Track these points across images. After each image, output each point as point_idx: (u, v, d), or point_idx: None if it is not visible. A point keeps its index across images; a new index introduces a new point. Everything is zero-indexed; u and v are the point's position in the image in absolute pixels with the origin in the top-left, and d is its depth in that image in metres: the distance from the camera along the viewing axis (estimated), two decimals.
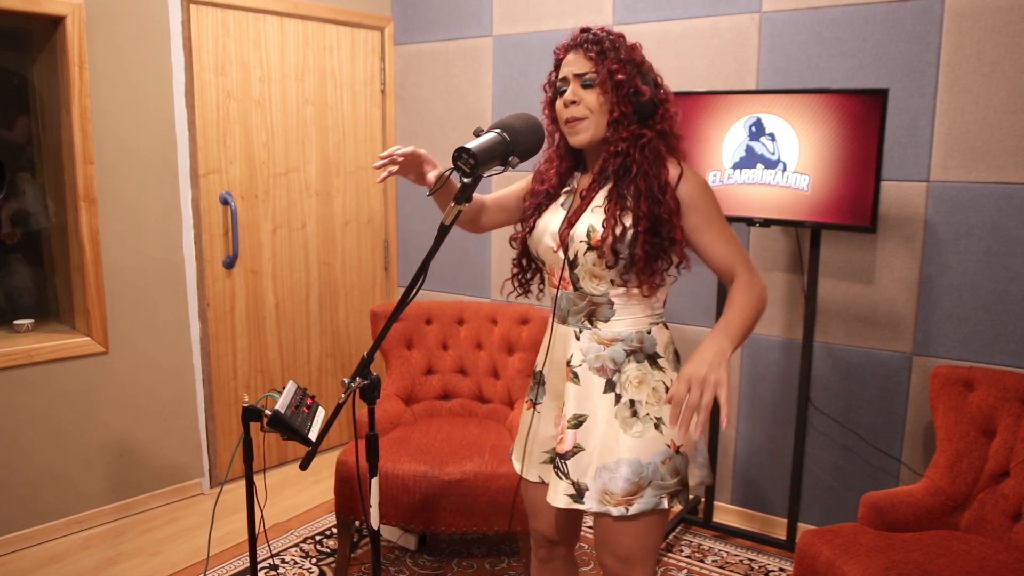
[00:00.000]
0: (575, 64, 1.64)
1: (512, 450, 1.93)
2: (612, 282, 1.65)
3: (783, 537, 2.95)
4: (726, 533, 3.05)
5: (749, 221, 2.73)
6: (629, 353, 1.67)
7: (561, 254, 1.68)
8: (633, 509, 1.62)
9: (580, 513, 1.83)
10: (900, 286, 2.73)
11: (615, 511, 1.62)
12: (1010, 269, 2.54)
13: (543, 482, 1.79)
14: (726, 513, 3.16)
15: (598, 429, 1.66)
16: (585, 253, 1.63)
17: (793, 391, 2.95)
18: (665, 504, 1.64)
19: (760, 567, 2.81)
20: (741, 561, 2.85)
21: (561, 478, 1.68)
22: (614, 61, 1.60)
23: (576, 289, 1.68)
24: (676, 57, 3.07)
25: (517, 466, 1.87)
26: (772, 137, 2.65)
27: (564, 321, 1.72)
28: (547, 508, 1.81)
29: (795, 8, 2.81)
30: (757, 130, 2.67)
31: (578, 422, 1.68)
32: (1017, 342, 2.55)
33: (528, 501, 1.88)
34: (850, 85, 2.72)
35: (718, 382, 1.38)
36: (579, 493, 1.65)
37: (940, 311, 2.67)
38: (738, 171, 2.72)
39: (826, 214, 2.59)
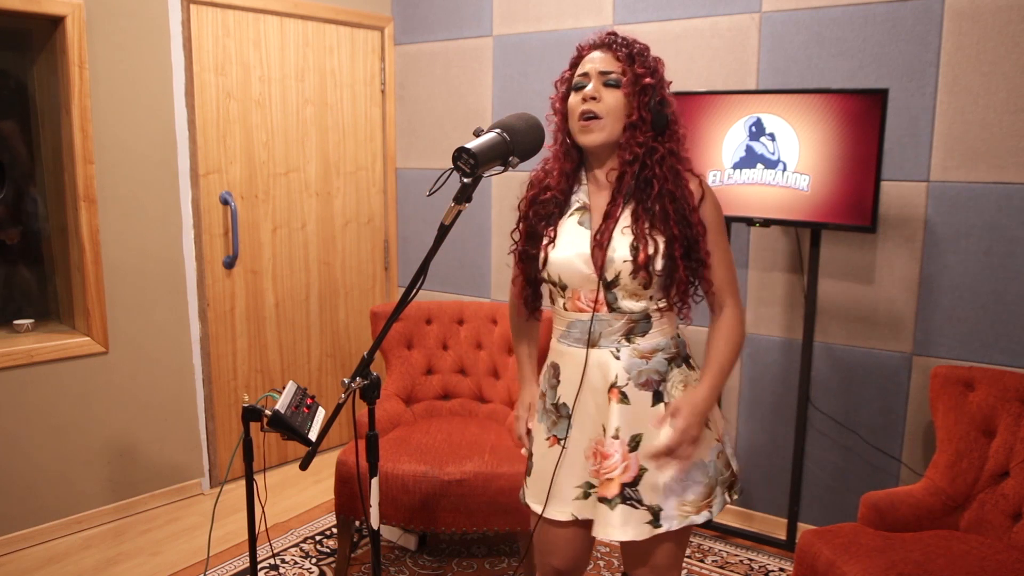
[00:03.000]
0: (601, 62, 1.62)
1: (524, 492, 1.81)
2: (652, 297, 1.63)
3: (783, 537, 2.95)
4: (726, 533, 3.05)
5: (749, 221, 2.73)
6: (670, 360, 1.66)
7: (595, 276, 1.62)
8: (715, 510, 1.63)
9: (593, 541, 1.77)
10: (900, 286, 2.73)
11: (699, 519, 1.61)
12: (1010, 269, 2.54)
13: (575, 519, 1.71)
14: (726, 513, 3.16)
15: (654, 443, 1.62)
16: (630, 273, 1.59)
17: (793, 391, 2.95)
18: (728, 498, 1.66)
19: (760, 567, 2.81)
20: (741, 561, 2.85)
21: (636, 507, 1.62)
22: (642, 66, 1.60)
23: (612, 310, 1.64)
24: (676, 57, 3.07)
25: (536, 507, 1.75)
26: (772, 137, 2.65)
27: (595, 345, 1.66)
28: (566, 545, 1.76)
29: (795, 8, 2.81)
30: (757, 130, 2.67)
31: (636, 443, 1.63)
32: (1017, 342, 2.55)
33: (545, 540, 1.79)
34: (850, 85, 2.72)
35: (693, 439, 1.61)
36: (655, 517, 1.61)
37: (940, 311, 2.67)
38: (738, 171, 2.72)
39: (826, 214, 2.59)
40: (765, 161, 2.67)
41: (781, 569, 2.79)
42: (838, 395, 2.89)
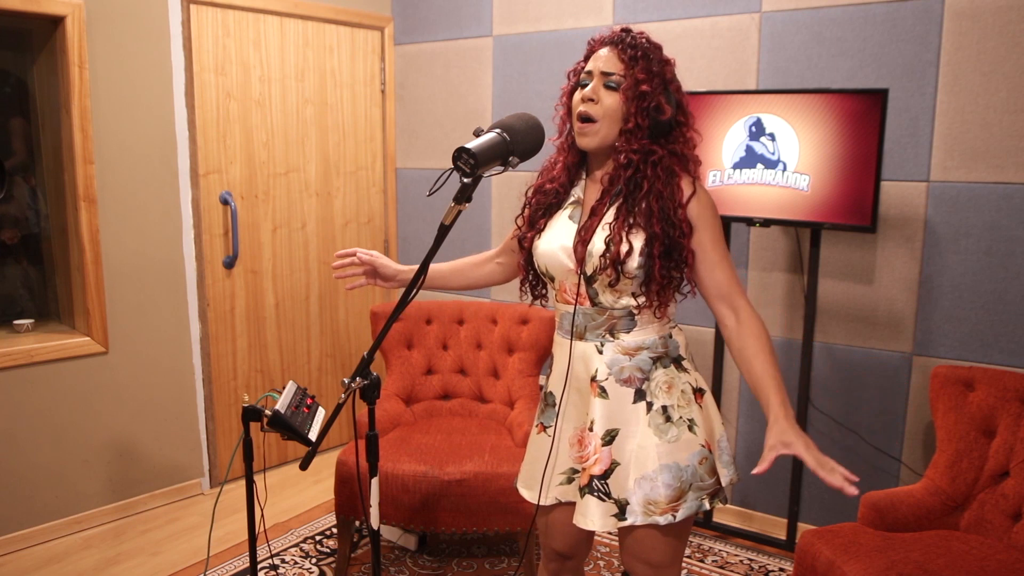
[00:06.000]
0: (605, 61, 1.61)
1: (518, 480, 1.86)
2: (633, 294, 1.62)
3: (783, 537, 2.95)
4: (726, 533, 3.05)
5: (749, 221, 2.73)
6: (655, 360, 1.65)
7: (576, 270, 1.64)
8: (680, 515, 1.60)
9: None
10: (900, 286, 2.73)
11: (662, 520, 1.59)
12: (1010, 269, 2.54)
13: (559, 503, 1.75)
14: (726, 513, 3.16)
15: (632, 440, 1.63)
16: (599, 269, 1.60)
17: (793, 391, 2.94)
18: (707, 505, 1.63)
19: (760, 567, 2.81)
20: (741, 561, 2.85)
21: (603, 499, 1.63)
22: (643, 71, 1.58)
23: (594, 304, 1.65)
24: (676, 57, 3.03)
25: (528, 495, 1.80)
26: (772, 137, 2.65)
27: (581, 337, 1.67)
28: (564, 527, 1.77)
29: (795, 8, 2.81)
30: (757, 130, 2.67)
31: (611, 437, 1.64)
32: (1017, 342, 2.55)
33: (543, 524, 1.84)
34: (850, 85, 2.72)
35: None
36: (621, 510, 1.62)
37: (940, 311, 2.67)
38: (738, 171, 2.72)
39: (826, 214, 2.59)
40: (765, 161, 2.67)
41: (781, 569, 2.79)
42: (838, 395, 2.89)
